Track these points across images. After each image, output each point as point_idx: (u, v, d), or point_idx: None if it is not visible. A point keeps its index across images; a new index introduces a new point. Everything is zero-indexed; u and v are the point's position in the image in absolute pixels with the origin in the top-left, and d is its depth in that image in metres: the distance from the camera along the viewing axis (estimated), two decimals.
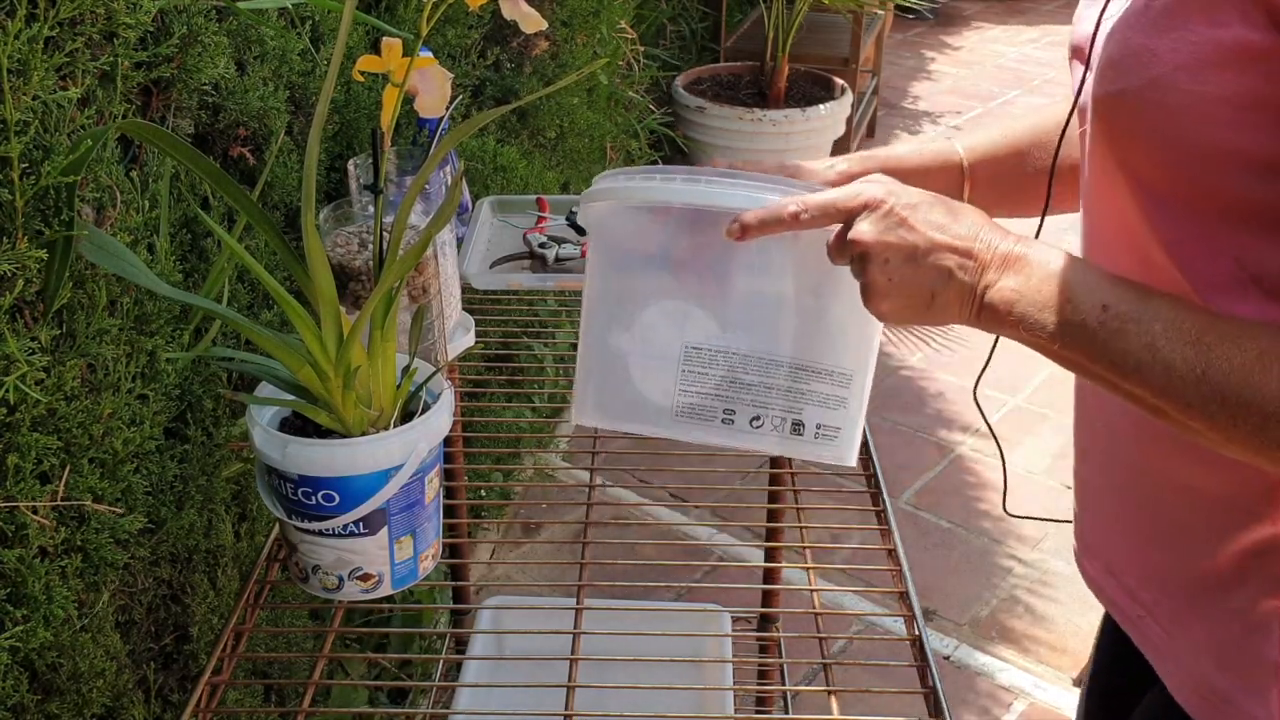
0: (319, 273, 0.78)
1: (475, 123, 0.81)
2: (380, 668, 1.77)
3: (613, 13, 2.58)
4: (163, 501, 1.17)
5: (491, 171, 1.97)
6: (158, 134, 0.79)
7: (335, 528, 0.86)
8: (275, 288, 0.81)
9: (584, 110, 2.50)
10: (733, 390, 0.87)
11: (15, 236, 0.90)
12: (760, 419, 0.87)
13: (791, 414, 0.87)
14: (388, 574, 0.88)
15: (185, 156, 0.79)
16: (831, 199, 0.77)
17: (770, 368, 0.86)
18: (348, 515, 0.84)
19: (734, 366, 0.86)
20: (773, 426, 0.87)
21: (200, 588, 1.27)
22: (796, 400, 0.87)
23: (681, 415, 0.88)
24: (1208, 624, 0.78)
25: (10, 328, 0.92)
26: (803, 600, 1.03)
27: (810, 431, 0.88)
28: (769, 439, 0.88)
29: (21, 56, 0.88)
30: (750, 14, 4.41)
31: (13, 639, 0.94)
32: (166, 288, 0.85)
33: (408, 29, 1.63)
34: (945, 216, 0.74)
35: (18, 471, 0.94)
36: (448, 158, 1.14)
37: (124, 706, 1.15)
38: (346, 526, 0.85)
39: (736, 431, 0.88)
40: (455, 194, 0.81)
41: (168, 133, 0.79)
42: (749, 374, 0.86)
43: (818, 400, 0.88)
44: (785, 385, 0.87)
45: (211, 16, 1.16)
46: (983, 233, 0.73)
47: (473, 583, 1.77)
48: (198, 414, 1.23)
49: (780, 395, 0.87)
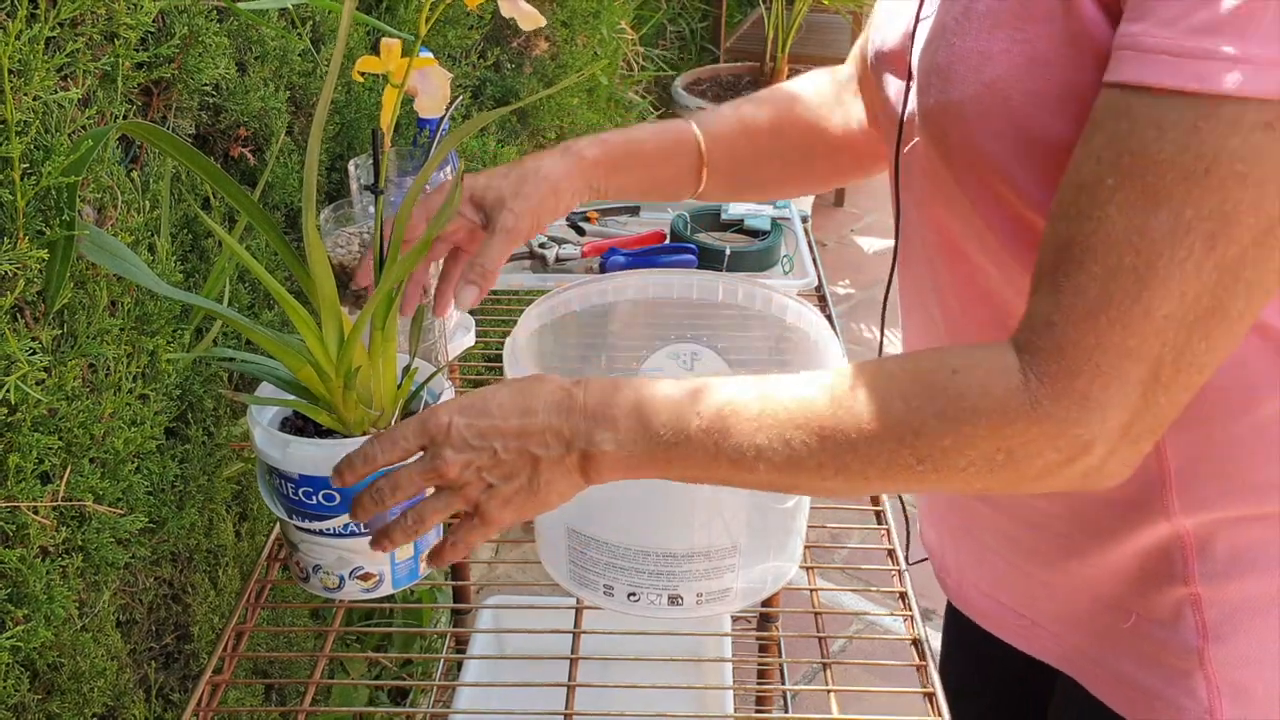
0: (319, 273, 0.78)
1: (476, 123, 0.81)
2: (381, 667, 1.77)
3: (613, 13, 2.58)
4: (163, 501, 1.17)
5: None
6: (158, 134, 0.79)
7: (336, 527, 0.86)
8: (276, 288, 0.81)
9: (584, 111, 2.50)
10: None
11: (16, 237, 0.90)
12: (636, 594, 0.88)
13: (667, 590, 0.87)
14: (388, 573, 0.88)
15: (186, 157, 0.79)
16: (395, 450, 0.72)
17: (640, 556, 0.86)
18: (348, 515, 0.84)
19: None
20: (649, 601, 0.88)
21: (201, 587, 1.27)
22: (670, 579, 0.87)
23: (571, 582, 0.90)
24: (1109, 624, 0.78)
25: (11, 328, 0.92)
26: (802, 600, 1.03)
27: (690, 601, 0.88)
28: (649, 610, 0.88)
29: (22, 57, 0.88)
30: (750, 14, 4.41)
31: (14, 638, 0.94)
32: (167, 288, 0.85)
33: (408, 29, 1.64)
34: (515, 407, 0.70)
35: (19, 471, 0.94)
36: (448, 158, 1.15)
37: (125, 706, 1.15)
38: (347, 526, 0.86)
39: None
40: (455, 195, 0.81)
41: (168, 133, 0.79)
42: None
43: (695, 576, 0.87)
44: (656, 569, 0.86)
45: (212, 17, 1.16)
46: (554, 406, 0.69)
47: (473, 582, 1.77)
48: (198, 414, 1.23)
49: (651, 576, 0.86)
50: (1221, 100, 0.54)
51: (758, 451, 0.65)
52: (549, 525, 0.90)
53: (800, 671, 2.02)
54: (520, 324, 0.91)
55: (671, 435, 0.67)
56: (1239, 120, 0.54)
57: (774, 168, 0.96)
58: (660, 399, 0.68)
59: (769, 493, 0.89)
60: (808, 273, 1.41)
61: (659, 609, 0.88)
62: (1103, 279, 0.57)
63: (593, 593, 0.89)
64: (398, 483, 0.72)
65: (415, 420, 0.71)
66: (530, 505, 0.71)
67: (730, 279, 0.97)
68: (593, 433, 0.68)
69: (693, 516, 0.86)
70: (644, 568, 0.86)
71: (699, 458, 0.67)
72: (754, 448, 0.65)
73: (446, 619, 1.90)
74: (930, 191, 0.75)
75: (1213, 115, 0.54)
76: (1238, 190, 0.54)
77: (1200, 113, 0.54)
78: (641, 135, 0.91)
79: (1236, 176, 0.54)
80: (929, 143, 0.72)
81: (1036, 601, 0.84)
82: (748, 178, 0.96)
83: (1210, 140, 0.54)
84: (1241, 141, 0.54)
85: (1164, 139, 0.55)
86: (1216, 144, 0.54)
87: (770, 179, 0.97)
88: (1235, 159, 0.54)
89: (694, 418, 0.66)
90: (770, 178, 0.97)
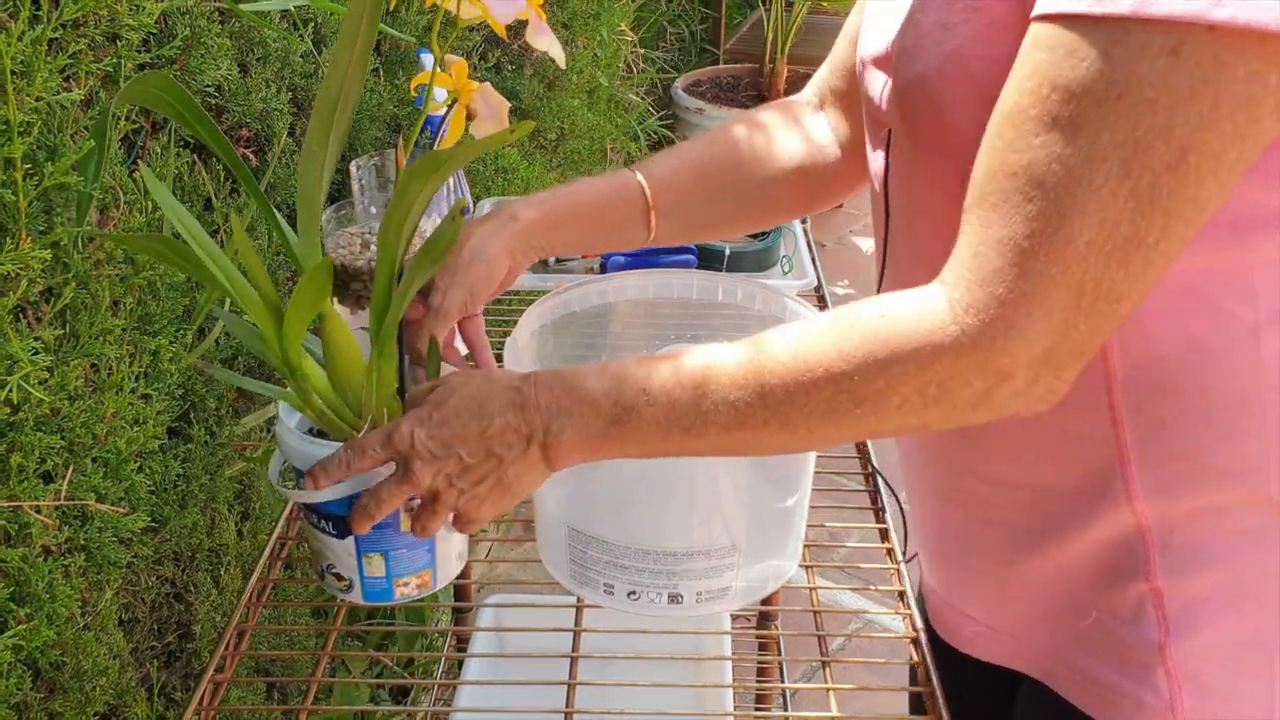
0: (252, 266, 0.75)
1: (485, 145, 0.79)
2: (382, 665, 1.77)
3: (613, 15, 2.59)
4: (166, 500, 1.18)
5: (492, 173, 1.98)
6: (159, 97, 0.74)
7: (315, 520, 0.85)
8: (247, 291, 0.78)
9: (584, 112, 2.51)
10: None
11: (19, 237, 0.91)
12: (636, 593, 0.88)
13: (667, 588, 0.88)
14: (359, 583, 0.87)
15: (192, 115, 0.75)
16: (365, 459, 0.75)
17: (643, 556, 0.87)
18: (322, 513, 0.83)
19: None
20: (649, 600, 0.89)
21: (203, 586, 1.28)
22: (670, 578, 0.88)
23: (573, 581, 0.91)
24: (1070, 622, 0.78)
25: (14, 328, 0.92)
26: (801, 598, 1.03)
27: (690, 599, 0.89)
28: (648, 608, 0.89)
29: (25, 58, 0.89)
30: (750, 16, 4.41)
31: (16, 637, 0.94)
32: (210, 241, 0.81)
33: (410, 32, 1.64)
34: (471, 413, 0.72)
35: (21, 471, 0.94)
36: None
37: (127, 704, 1.15)
38: (319, 522, 0.85)
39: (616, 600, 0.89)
40: (450, 230, 0.78)
41: (177, 86, 0.73)
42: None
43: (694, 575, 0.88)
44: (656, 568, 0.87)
45: (214, 18, 1.17)
46: (508, 406, 0.72)
47: (474, 580, 1.78)
48: (200, 413, 1.24)
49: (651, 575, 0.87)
50: (1130, 26, 0.55)
51: (705, 418, 0.68)
52: (550, 524, 0.90)
53: (799, 669, 2.02)
54: (520, 324, 0.92)
55: (623, 414, 0.69)
56: (1146, 46, 0.55)
57: (728, 205, 0.95)
58: (608, 382, 0.70)
59: (768, 493, 0.90)
60: (807, 273, 1.42)
61: (659, 607, 0.88)
62: (1025, 207, 0.59)
63: (593, 591, 0.89)
64: (380, 497, 0.76)
65: (381, 432, 0.75)
66: (506, 499, 0.75)
67: (730, 279, 0.97)
68: (549, 424, 0.71)
69: (692, 516, 0.86)
70: (644, 566, 0.86)
71: (651, 431, 0.69)
72: (701, 414, 0.68)
73: (447, 617, 1.90)
74: (912, 180, 0.76)
75: (1122, 41, 0.55)
76: (1149, 116, 0.56)
77: (1111, 38, 0.56)
78: (581, 189, 0.91)
79: (1147, 103, 0.55)
80: (901, 123, 0.73)
81: (994, 606, 0.84)
82: (702, 217, 0.95)
83: (1121, 66, 0.55)
84: (1149, 67, 0.55)
85: (1078, 66, 0.57)
86: (1127, 69, 0.55)
87: (727, 216, 0.96)
88: (1145, 85, 0.55)
89: (642, 395, 0.69)
90: (727, 215, 0.96)
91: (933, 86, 0.67)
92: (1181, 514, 0.72)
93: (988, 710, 0.94)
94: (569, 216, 0.89)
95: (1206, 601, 0.73)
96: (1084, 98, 0.57)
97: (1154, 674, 0.74)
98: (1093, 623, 0.76)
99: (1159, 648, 0.73)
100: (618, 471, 0.87)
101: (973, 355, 0.61)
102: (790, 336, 0.67)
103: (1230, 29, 0.53)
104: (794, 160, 0.95)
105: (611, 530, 0.85)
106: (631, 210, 0.91)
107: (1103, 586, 0.76)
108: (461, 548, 0.89)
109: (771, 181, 0.95)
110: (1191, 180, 0.57)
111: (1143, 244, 0.58)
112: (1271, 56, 0.54)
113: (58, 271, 0.99)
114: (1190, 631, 0.73)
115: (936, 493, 0.84)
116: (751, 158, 0.94)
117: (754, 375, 0.67)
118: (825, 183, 0.97)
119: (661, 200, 0.91)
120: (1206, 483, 0.71)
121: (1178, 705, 0.73)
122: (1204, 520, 0.72)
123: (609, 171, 0.93)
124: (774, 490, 0.90)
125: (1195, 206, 0.58)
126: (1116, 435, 0.71)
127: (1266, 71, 0.54)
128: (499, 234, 0.86)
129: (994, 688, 0.91)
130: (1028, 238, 0.59)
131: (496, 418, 0.72)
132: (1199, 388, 0.69)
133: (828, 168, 0.96)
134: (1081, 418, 0.71)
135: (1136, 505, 0.72)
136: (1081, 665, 0.78)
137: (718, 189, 0.94)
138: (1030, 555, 0.78)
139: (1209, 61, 0.54)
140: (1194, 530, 0.72)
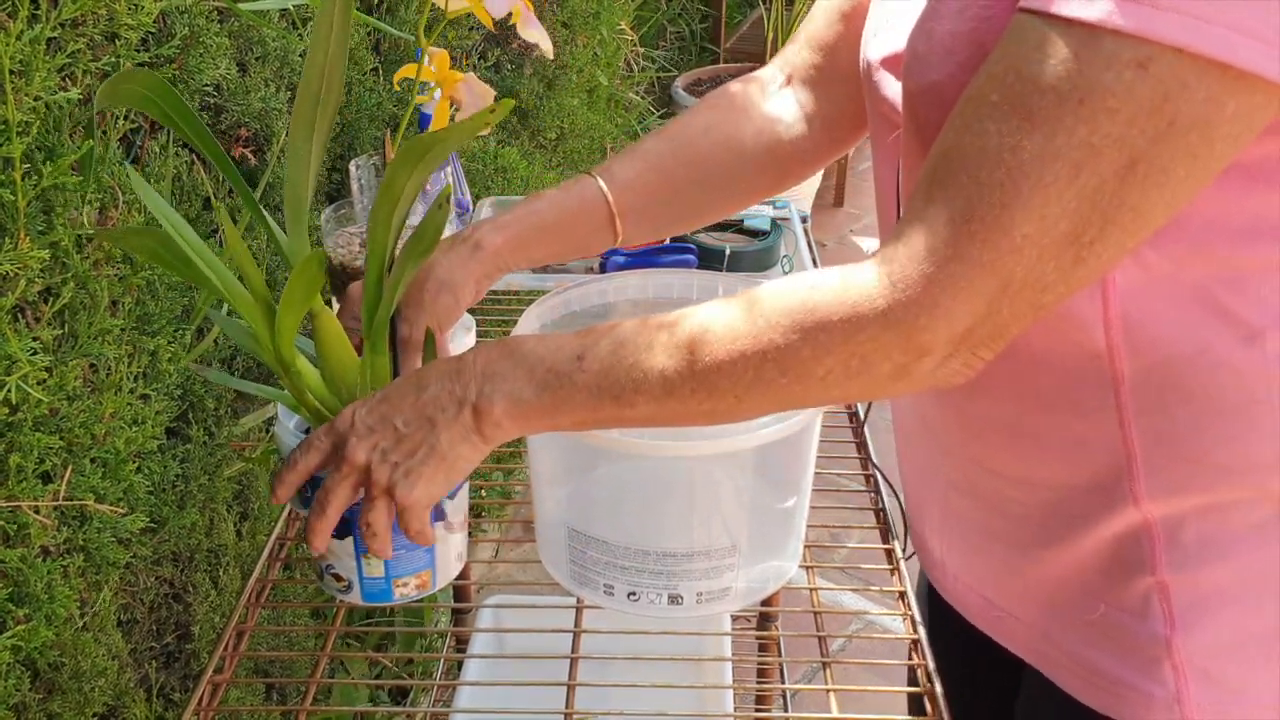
0: (246, 266, 0.75)
1: (474, 125, 0.79)
2: (381, 666, 1.77)
3: (613, 14, 2.59)
4: (164, 501, 1.18)
5: (492, 172, 1.98)
6: (143, 95, 0.73)
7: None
8: (240, 292, 0.78)
9: (584, 111, 2.51)
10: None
11: (17, 236, 0.91)
12: (636, 594, 0.88)
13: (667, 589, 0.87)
14: (357, 583, 0.87)
15: (177, 112, 0.74)
16: (312, 452, 0.75)
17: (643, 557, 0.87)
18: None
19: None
20: (649, 600, 0.88)
21: (202, 587, 1.28)
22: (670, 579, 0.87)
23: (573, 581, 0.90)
24: (1079, 614, 0.78)
25: (12, 328, 0.92)
26: (802, 599, 1.03)
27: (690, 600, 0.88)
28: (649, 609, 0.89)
29: (24, 57, 0.89)
30: (750, 15, 4.41)
31: (15, 638, 0.94)
32: (200, 248, 0.80)
33: (409, 30, 1.64)
34: (411, 385, 0.73)
35: (20, 471, 0.94)
36: (449, 158, 1.15)
37: (125, 705, 1.15)
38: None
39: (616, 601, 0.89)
40: (439, 215, 0.77)
41: (146, 92, 0.72)
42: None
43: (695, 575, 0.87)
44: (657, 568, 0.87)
45: (213, 17, 1.17)
46: (446, 374, 0.72)
47: (474, 581, 1.78)
48: (199, 414, 1.24)
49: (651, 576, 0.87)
50: (1102, 34, 0.55)
51: (635, 385, 0.68)
52: (549, 525, 0.90)
53: (800, 670, 2.02)
54: (520, 324, 0.92)
55: (555, 380, 0.70)
56: (1115, 56, 0.55)
57: (695, 198, 0.94)
58: (544, 349, 0.71)
59: (768, 493, 0.89)
60: None
61: (659, 608, 0.88)
62: (970, 190, 0.60)
63: (593, 592, 0.89)
64: (328, 489, 0.74)
65: (326, 424, 0.75)
66: (439, 475, 0.73)
67: (730, 279, 0.97)
68: (482, 387, 0.71)
69: (692, 516, 0.86)
70: (644, 567, 0.86)
71: (582, 398, 0.69)
72: (632, 382, 0.68)
73: (447, 618, 1.90)
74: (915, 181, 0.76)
75: (1091, 47, 0.56)
76: (1107, 124, 0.56)
77: (1082, 43, 0.56)
78: (543, 207, 0.90)
79: (1107, 111, 0.56)
80: (910, 128, 0.73)
81: (1008, 589, 0.84)
82: (670, 214, 0.95)
83: (1087, 71, 0.56)
84: (1115, 77, 0.56)
85: (1046, 64, 0.57)
86: (1093, 76, 0.56)
87: (696, 209, 0.96)
88: (1108, 93, 0.56)
89: (575, 360, 0.70)
90: (695, 208, 0.96)
91: (946, 96, 0.67)
92: (1188, 510, 0.72)
93: (990, 707, 0.94)
94: (533, 236, 0.89)
95: (1213, 596, 0.73)
96: (1047, 94, 0.57)
97: (1161, 668, 0.74)
98: (1100, 616, 0.77)
99: (1165, 641, 0.74)
100: (617, 472, 0.86)
101: (896, 330, 0.62)
102: (721, 306, 0.68)
103: (1195, 55, 0.54)
104: (760, 143, 0.94)
105: (611, 531, 0.85)
106: (596, 220, 0.90)
107: (1111, 580, 0.76)
108: (461, 548, 0.89)
109: (738, 168, 0.94)
110: (1137, 190, 0.58)
111: (1077, 242, 0.59)
112: (1230, 83, 0.55)
113: (56, 271, 0.99)
114: (1197, 626, 0.73)
115: (956, 486, 0.84)
116: (715, 147, 0.94)
117: (685, 344, 0.67)
118: (793, 161, 0.96)
119: (625, 204, 0.91)
120: (1213, 481, 0.71)
121: (1185, 698, 0.74)
122: (1210, 516, 0.72)
123: (571, 180, 0.92)
124: (774, 491, 0.90)
125: (1136, 216, 0.59)
126: (1124, 437, 0.71)
127: (1224, 97, 0.55)
128: (465, 264, 0.85)
129: (996, 683, 0.91)
130: (967, 222, 0.60)
131: (433, 385, 0.72)
132: (1206, 391, 0.69)
133: (794, 145, 0.95)
134: (1089, 420, 0.72)
135: (1143, 504, 0.72)
136: (1089, 658, 0.78)
137: (684, 183, 0.93)
138: (1044, 548, 0.79)
139: (1172, 81, 0.55)
140: (1200, 526, 0.72)
